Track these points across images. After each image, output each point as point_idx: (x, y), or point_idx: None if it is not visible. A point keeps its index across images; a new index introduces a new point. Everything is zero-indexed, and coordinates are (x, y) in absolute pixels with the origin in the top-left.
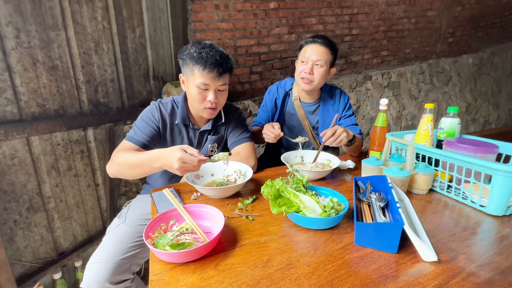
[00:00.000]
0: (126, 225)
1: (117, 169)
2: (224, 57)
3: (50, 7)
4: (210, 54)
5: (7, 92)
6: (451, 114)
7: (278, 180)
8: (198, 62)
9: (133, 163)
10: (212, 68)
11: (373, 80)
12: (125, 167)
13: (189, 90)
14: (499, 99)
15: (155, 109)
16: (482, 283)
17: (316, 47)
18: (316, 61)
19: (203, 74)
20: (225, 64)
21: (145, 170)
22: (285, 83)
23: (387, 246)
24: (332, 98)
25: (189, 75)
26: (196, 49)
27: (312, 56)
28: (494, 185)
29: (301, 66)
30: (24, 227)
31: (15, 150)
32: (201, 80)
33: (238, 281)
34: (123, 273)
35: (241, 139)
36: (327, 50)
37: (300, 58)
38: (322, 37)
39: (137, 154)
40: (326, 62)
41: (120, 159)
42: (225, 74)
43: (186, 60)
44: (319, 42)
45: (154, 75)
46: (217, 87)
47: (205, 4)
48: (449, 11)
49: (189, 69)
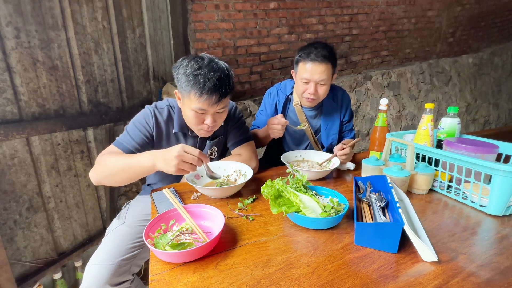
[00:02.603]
0: (126, 226)
1: (102, 174)
2: (224, 79)
3: (50, 7)
4: (208, 77)
5: (7, 92)
6: (451, 114)
7: (278, 180)
8: (193, 87)
9: (122, 166)
10: (210, 94)
11: (373, 80)
12: (112, 170)
13: (184, 111)
14: (499, 99)
15: (149, 116)
16: (482, 283)
17: (316, 66)
18: (320, 81)
19: (200, 100)
20: (224, 88)
21: (135, 172)
22: (285, 86)
23: (387, 246)
24: (335, 100)
25: (184, 96)
26: (192, 70)
27: (314, 76)
28: (494, 185)
29: (303, 86)
30: (24, 227)
31: (15, 150)
32: (197, 106)
33: (238, 281)
34: (123, 274)
35: (241, 140)
36: (328, 66)
37: (300, 75)
38: (321, 47)
39: (127, 156)
40: (329, 78)
41: (107, 162)
42: (224, 98)
43: (181, 80)
44: (319, 61)
45: (154, 75)
46: (216, 110)
47: (205, 4)
48: (449, 11)
49: (185, 91)
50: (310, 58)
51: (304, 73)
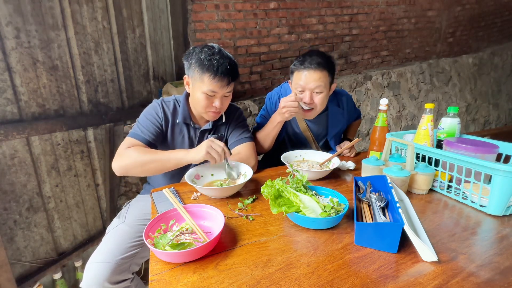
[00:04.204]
0: (126, 225)
1: (128, 166)
2: (233, 65)
3: (50, 7)
4: (220, 62)
5: (7, 92)
6: (451, 114)
7: (278, 180)
8: (208, 70)
9: (149, 159)
10: (222, 77)
11: (373, 80)
12: (138, 163)
13: (194, 94)
14: (499, 99)
15: (158, 107)
16: (482, 283)
17: (311, 74)
18: (315, 88)
19: (213, 82)
20: (234, 72)
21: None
22: (285, 92)
23: (387, 246)
24: (340, 106)
25: (196, 80)
26: (206, 56)
27: (309, 84)
28: (494, 185)
29: (299, 94)
30: (24, 227)
31: (15, 150)
32: (209, 88)
33: (238, 281)
34: (123, 273)
35: (242, 139)
36: (324, 73)
37: (295, 85)
38: (316, 55)
39: (155, 151)
40: (326, 86)
41: (134, 155)
42: (233, 82)
43: (194, 65)
44: (313, 68)
45: (154, 75)
46: (224, 93)
47: (205, 4)
48: (449, 11)
49: (198, 74)
50: (304, 66)
51: (299, 81)
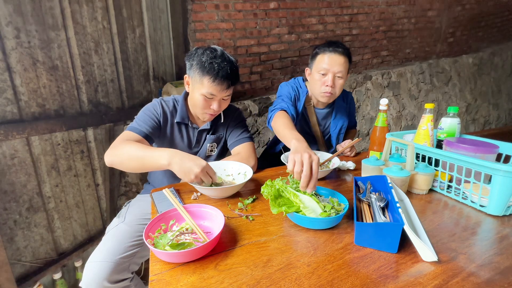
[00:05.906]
0: (125, 225)
1: (118, 158)
2: (234, 69)
3: (50, 7)
4: (221, 66)
5: (7, 92)
6: (451, 114)
7: (278, 180)
8: (209, 73)
9: (139, 155)
10: (222, 80)
11: (373, 80)
12: (128, 157)
13: (193, 95)
14: (499, 99)
15: (157, 105)
16: (482, 283)
17: (336, 57)
18: (338, 73)
19: (212, 85)
20: (233, 77)
21: (149, 164)
22: (299, 84)
23: (387, 246)
24: (344, 101)
25: (196, 81)
26: (208, 58)
27: (334, 67)
28: (494, 185)
29: (320, 79)
30: (24, 227)
31: (15, 150)
32: (209, 90)
33: (238, 281)
34: (122, 272)
35: (241, 139)
36: (346, 60)
37: (317, 68)
38: (340, 44)
39: (146, 147)
40: (345, 73)
41: (126, 148)
42: (232, 86)
43: (196, 66)
44: (339, 52)
45: (154, 75)
46: (223, 97)
47: (205, 4)
48: (449, 11)
49: (198, 76)
50: (330, 49)
51: (323, 64)
